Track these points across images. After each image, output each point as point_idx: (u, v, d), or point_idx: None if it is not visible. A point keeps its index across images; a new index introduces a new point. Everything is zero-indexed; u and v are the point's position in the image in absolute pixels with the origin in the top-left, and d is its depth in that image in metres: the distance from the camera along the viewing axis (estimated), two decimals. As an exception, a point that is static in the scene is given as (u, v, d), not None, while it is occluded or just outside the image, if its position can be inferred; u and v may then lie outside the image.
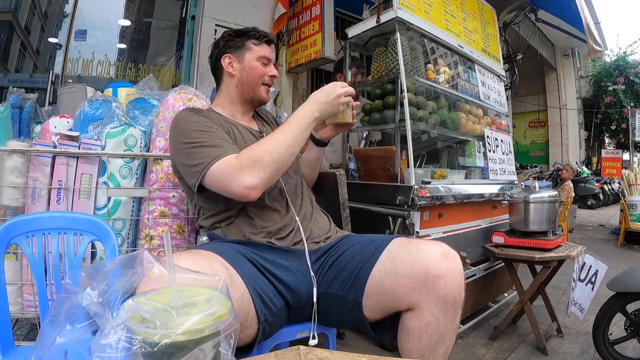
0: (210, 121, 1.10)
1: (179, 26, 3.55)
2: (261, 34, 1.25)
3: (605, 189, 9.44)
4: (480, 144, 2.58)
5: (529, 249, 2.01)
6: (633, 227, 4.74)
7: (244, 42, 1.23)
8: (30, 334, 1.75)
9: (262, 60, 1.24)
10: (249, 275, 0.88)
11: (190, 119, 1.09)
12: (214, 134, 1.04)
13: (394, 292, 0.88)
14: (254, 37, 1.24)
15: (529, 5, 5.39)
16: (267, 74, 1.24)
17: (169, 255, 0.43)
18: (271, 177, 0.96)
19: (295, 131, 0.99)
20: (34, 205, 1.32)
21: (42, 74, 3.20)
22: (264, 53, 1.24)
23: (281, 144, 0.97)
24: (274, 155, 0.94)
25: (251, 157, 0.94)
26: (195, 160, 0.99)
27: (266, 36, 1.25)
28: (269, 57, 1.25)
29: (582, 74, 11.57)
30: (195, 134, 1.02)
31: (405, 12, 2.09)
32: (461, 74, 2.56)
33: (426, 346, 0.85)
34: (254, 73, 1.23)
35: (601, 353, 1.75)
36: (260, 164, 0.93)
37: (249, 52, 1.23)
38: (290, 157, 0.99)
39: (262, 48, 1.24)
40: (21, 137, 1.53)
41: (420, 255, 0.87)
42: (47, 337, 0.42)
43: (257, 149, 0.96)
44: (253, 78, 1.23)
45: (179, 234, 1.52)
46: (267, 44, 1.26)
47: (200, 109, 1.23)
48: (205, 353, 0.38)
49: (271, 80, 1.26)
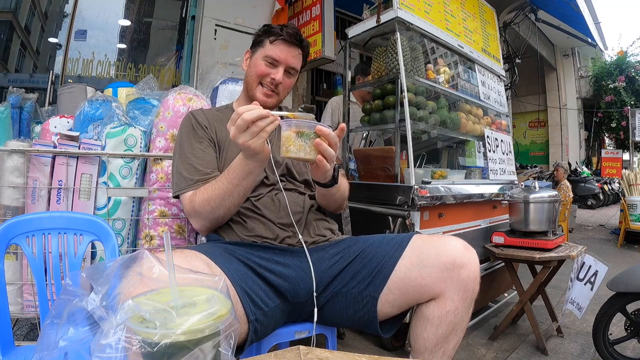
0: (199, 137, 1.12)
1: (179, 26, 3.56)
2: (279, 32, 1.13)
3: (605, 189, 9.45)
4: (480, 144, 2.58)
5: (529, 249, 2.01)
6: (633, 227, 4.74)
7: (264, 39, 1.16)
8: (30, 334, 1.75)
9: (268, 59, 1.14)
10: (236, 275, 0.89)
11: (184, 132, 1.15)
12: (192, 157, 1.09)
13: (421, 282, 0.93)
14: (272, 33, 1.14)
15: (529, 5, 5.39)
16: (268, 75, 1.14)
17: (169, 256, 0.43)
18: (213, 223, 1.05)
19: (226, 181, 0.95)
20: (34, 205, 1.32)
21: (42, 74, 3.20)
22: (274, 53, 1.13)
23: (217, 193, 0.96)
24: (212, 205, 0.98)
25: (194, 206, 1.01)
26: (173, 181, 1.13)
27: (282, 35, 1.13)
28: (277, 59, 1.14)
29: (582, 74, 11.58)
30: (179, 153, 1.12)
31: (405, 12, 2.09)
32: (461, 74, 2.56)
33: (442, 335, 0.92)
34: (253, 71, 1.17)
35: (601, 353, 1.75)
36: (199, 215, 1.02)
37: (261, 48, 1.16)
38: (231, 205, 0.99)
39: (276, 47, 1.14)
40: (21, 137, 1.53)
41: (446, 247, 0.94)
42: (48, 339, 0.42)
43: (201, 196, 1.00)
44: (251, 76, 1.18)
45: (179, 234, 1.52)
46: (285, 44, 1.14)
47: (203, 112, 1.22)
48: (205, 353, 0.38)
49: (271, 84, 1.15)
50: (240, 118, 0.79)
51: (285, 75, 1.16)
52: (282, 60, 1.14)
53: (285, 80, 1.17)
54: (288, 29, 1.14)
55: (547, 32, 8.55)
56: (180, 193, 1.06)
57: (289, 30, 1.14)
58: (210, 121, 1.18)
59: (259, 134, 0.81)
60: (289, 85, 1.20)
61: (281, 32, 1.13)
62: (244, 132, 0.80)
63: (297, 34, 1.15)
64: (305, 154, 0.82)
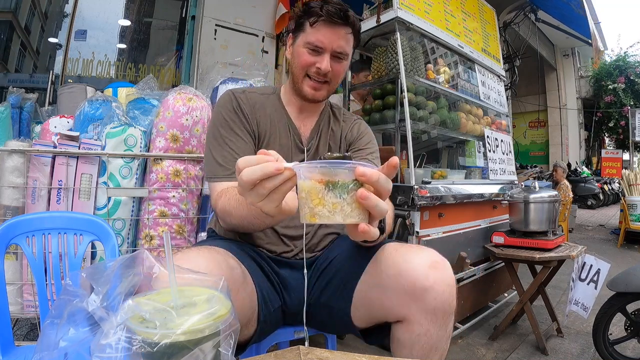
0: (236, 124, 0.99)
1: (179, 26, 3.56)
2: (318, 11, 0.94)
3: (605, 189, 9.45)
4: (480, 144, 2.58)
5: (529, 249, 2.01)
6: (633, 227, 4.75)
7: (304, 21, 0.98)
8: (30, 334, 1.75)
9: (310, 46, 0.97)
10: (255, 273, 0.87)
11: (221, 115, 1.00)
12: (226, 145, 0.96)
13: (382, 304, 0.84)
14: (312, 13, 0.96)
15: (529, 5, 5.39)
16: (313, 65, 0.98)
17: (169, 255, 0.43)
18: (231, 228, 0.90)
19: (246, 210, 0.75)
20: (34, 205, 1.32)
21: (42, 74, 3.20)
22: (315, 38, 0.96)
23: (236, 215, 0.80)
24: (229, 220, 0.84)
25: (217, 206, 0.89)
26: (205, 161, 1.01)
27: (322, 15, 0.94)
28: (320, 45, 0.96)
29: (582, 74, 11.58)
30: (214, 136, 0.98)
31: (405, 12, 2.09)
32: (461, 74, 2.56)
33: (419, 355, 0.82)
34: (296, 62, 1.01)
35: (601, 353, 1.75)
36: (218, 216, 0.91)
37: (302, 34, 0.99)
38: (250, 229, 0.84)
39: (317, 31, 0.95)
40: (21, 137, 1.53)
41: (406, 267, 0.81)
42: (48, 339, 0.42)
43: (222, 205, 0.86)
44: (295, 67, 1.02)
45: (179, 234, 1.52)
46: (327, 25, 0.95)
47: (245, 95, 1.05)
48: (205, 353, 0.38)
49: (318, 74, 0.98)
50: (239, 178, 0.54)
51: (334, 60, 0.98)
52: (326, 46, 0.96)
53: (335, 67, 0.99)
54: (329, 5, 0.94)
55: (547, 32, 8.55)
56: (212, 182, 0.95)
57: (330, 7, 0.94)
58: (253, 109, 1.03)
59: (270, 197, 0.55)
60: (341, 71, 1.02)
61: (321, 10, 0.94)
62: (249, 191, 0.55)
63: (341, 10, 0.95)
64: (345, 216, 0.51)
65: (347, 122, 1.13)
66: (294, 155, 1.04)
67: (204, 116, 1.57)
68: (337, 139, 1.10)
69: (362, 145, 1.10)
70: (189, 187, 1.53)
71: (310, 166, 0.51)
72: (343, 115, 1.15)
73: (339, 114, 1.15)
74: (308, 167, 0.51)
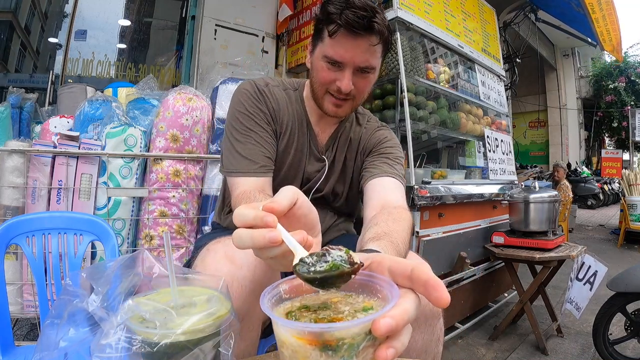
0: (260, 118, 0.90)
1: (179, 26, 3.56)
2: (336, 19, 0.79)
3: (605, 189, 9.46)
4: (480, 144, 2.58)
5: (529, 249, 2.01)
6: (633, 227, 4.75)
7: (322, 27, 0.84)
8: (30, 334, 1.75)
9: (329, 60, 0.84)
10: None
11: (244, 106, 0.91)
12: (250, 139, 0.88)
13: None
14: (330, 21, 0.81)
15: (529, 5, 5.39)
16: (334, 82, 0.86)
17: (169, 255, 0.43)
18: None
19: None
20: (34, 205, 1.32)
21: (42, 74, 3.20)
22: (334, 52, 0.82)
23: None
24: None
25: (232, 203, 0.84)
26: (224, 153, 0.92)
27: (342, 25, 0.79)
28: (340, 60, 0.83)
29: (582, 74, 11.59)
30: (235, 128, 0.90)
31: (405, 12, 2.09)
32: (461, 74, 2.56)
33: None
34: (315, 77, 0.90)
35: (601, 353, 1.75)
36: None
37: (321, 44, 0.86)
38: None
39: (336, 44, 0.82)
40: (21, 137, 1.53)
41: None
42: (48, 339, 0.42)
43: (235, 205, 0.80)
44: (315, 83, 0.90)
45: (179, 234, 1.52)
46: (348, 37, 0.81)
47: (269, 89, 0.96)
48: (205, 353, 0.38)
49: (339, 92, 0.86)
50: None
51: (357, 76, 0.86)
52: (347, 61, 0.83)
53: (359, 83, 0.87)
54: (349, 11, 0.78)
55: (547, 32, 8.55)
56: (234, 176, 0.87)
57: (351, 15, 0.78)
58: (278, 105, 0.95)
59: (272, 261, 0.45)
60: (366, 85, 0.90)
61: (340, 18, 0.79)
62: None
63: (364, 18, 0.79)
64: None
65: (368, 129, 1.03)
66: (308, 163, 0.97)
67: (204, 116, 1.57)
68: (354, 149, 1.01)
69: (384, 149, 0.99)
70: (189, 187, 1.52)
71: (294, 324, 0.33)
72: (367, 123, 1.04)
73: (362, 120, 1.05)
74: (289, 324, 0.33)
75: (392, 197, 0.85)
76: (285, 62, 3.53)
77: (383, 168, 0.92)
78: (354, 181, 1.02)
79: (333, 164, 1.00)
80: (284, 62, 3.52)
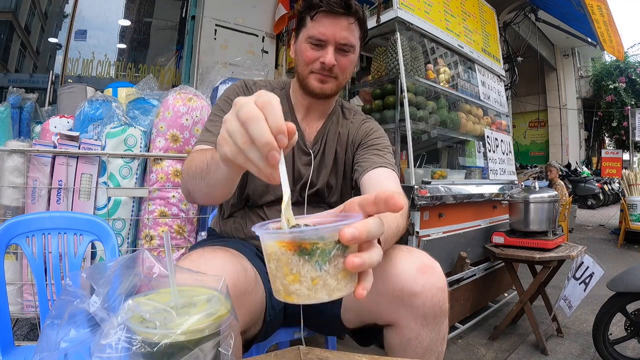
0: None
1: (179, 26, 3.56)
2: (317, 3, 0.90)
3: (605, 189, 9.45)
4: (480, 144, 2.58)
5: (529, 249, 2.01)
6: (633, 227, 4.75)
7: (304, 16, 0.94)
8: (30, 334, 1.75)
9: (312, 40, 0.91)
10: (262, 273, 0.85)
11: (226, 95, 0.98)
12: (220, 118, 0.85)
13: (371, 309, 0.82)
14: (312, 7, 0.91)
15: (529, 5, 5.39)
16: (317, 60, 0.92)
17: (169, 255, 0.43)
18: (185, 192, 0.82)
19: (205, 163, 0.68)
20: (34, 205, 1.32)
21: (42, 74, 3.21)
22: (317, 31, 0.91)
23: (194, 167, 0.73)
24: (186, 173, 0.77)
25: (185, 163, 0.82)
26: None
27: (322, 6, 0.89)
28: (321, 37, 0.91)
29: (582, 74, 11.59)
30: (212, 112, 0.96)
31: (405, 12, 2.09)
32: (461, 74, 2.56)
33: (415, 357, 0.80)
34: (299, 58, 0.96)
35: (601, 353, 1.75)
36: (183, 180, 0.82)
37: (304, 29, 0.94)
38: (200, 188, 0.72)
39: (318, 23, 0.91)
40: (21, 137, 1.53)
41: (394, 272, 0.76)
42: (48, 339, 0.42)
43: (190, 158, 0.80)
44: (299, 65, 0.96)
45: (179, 234, 1.52)
46: (328, 16, 0.90)
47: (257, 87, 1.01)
48: (205, 353, 0.38)
49: (322, 69, 0.92)
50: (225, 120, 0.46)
51: (339, 54, 0.93)
52: (329, 38, 0.91)
53: (341, 60, 0.93)
54: None
55: (547, 32, 8.56)
56: (194, 146, 0.90)
57: None
58: None
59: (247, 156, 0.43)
60: (347, 64, 0.95)
61: (321, 2, 0.89)
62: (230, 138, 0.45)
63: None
64: (330, 292, 0.40)
65: (354, 123, 1.07)
66: (297, 159, 1.01)
67: (204, 116, 1.57)
68: (344, 142, 1.05)
69: (371, 141, 1.03)
70: (189, 187, 1.52)
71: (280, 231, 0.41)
72: (353, 116, 1.09)
73: (349, 114, 1.09)
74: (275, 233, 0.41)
75: (387, 185, 0.90)
76: (285, 62, 3.53)
77: (374, 160, 0.96)
78: (347, 173, 1.05)
79: (324, 157, 1.03)
80: (284, 62, 3.53)
